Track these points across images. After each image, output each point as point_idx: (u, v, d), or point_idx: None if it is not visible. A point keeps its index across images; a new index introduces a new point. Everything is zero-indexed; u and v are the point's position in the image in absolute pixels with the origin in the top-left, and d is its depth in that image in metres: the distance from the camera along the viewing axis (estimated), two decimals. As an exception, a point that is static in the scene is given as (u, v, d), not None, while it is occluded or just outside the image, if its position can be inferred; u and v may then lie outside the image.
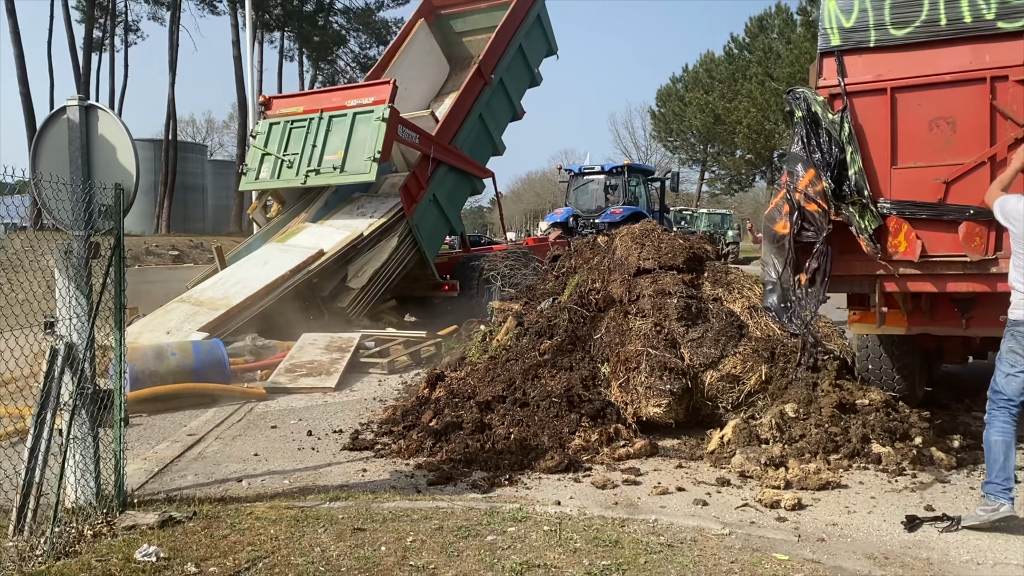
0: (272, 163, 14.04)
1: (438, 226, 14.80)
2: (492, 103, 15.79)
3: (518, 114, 16.76)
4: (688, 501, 5.33)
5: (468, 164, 15.30)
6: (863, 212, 5.61)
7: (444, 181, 14.68)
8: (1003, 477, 4.67)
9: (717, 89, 50.92)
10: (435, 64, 16.92)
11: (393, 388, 9.53)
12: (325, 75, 46.22)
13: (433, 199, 14.36)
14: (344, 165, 13.23)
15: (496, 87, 15.64)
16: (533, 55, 16.84)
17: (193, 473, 6.20)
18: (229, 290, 11.79)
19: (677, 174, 21.11)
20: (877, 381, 7.07)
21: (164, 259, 24.23)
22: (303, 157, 13.66)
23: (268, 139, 14.26)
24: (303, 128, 13.91)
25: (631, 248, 7.68)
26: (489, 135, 15.92)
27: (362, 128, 13.22)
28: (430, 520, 4.68)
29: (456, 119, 14.82)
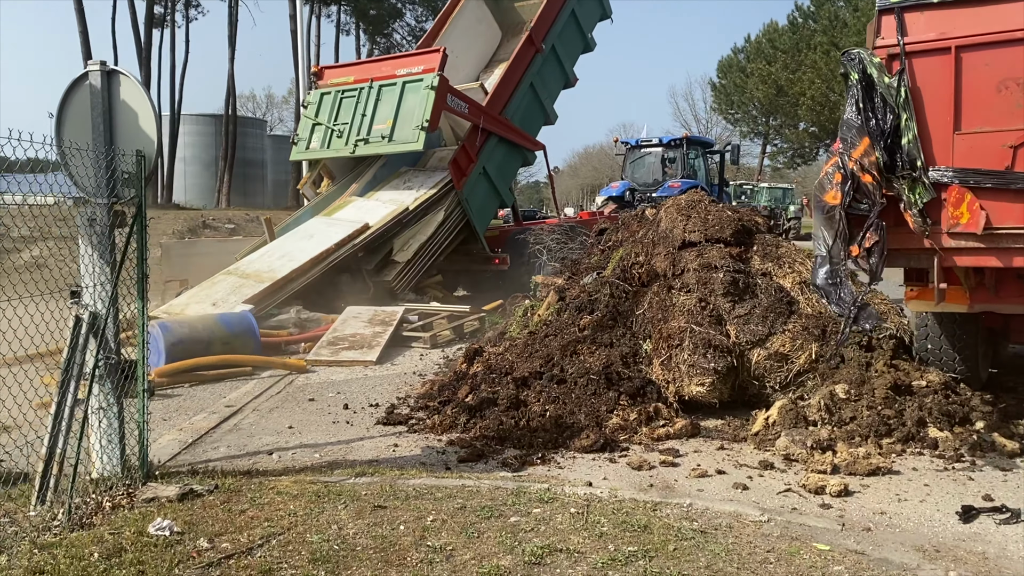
0: (322, 133, 14.06)
1: (488, 199, 14.63)
2: (544, 71, 15.43)
3: (571, 81, 16.36)
4: (728, 485, 5.09)
5: (519, 136, 15.05)
6: (913, 185, 5.21)
7: (494, 153, 14.49)
8: None
9: (780, 59, 49.40)
10: (487, 32, 16.59)
11: (434, 363, 9.43)
12: (381, 48, 46.21)
13: (483, 172, 14.19)
14: (392, 134, 13.17)
15: (548, 54, 15.29)
16: (586, 19, 16.38)
17: (226, 445, 6.17)
18: (275, 263, 11.82)
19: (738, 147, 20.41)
20: (936, 362, 6.67)
21: (220, 232, 24.60)
22: (352, 127, 13.65)
23: (319, 109, 14.27)
24: (353, 98, 13.89)
25: (676, 220, 7.38)
26: (541, 104, 15.60)
27: (411, 97, 13.14)
28: (454, 499, 4.53)
29: (507, 89, 14.56)
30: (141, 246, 4.71)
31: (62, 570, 3.41)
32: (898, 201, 5.27)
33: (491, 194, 14.65)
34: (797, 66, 47.85)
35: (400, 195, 13.44)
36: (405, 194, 13.41)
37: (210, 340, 8.90)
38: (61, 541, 3.71)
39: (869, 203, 5.19)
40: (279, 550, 3.76)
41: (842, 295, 5.36)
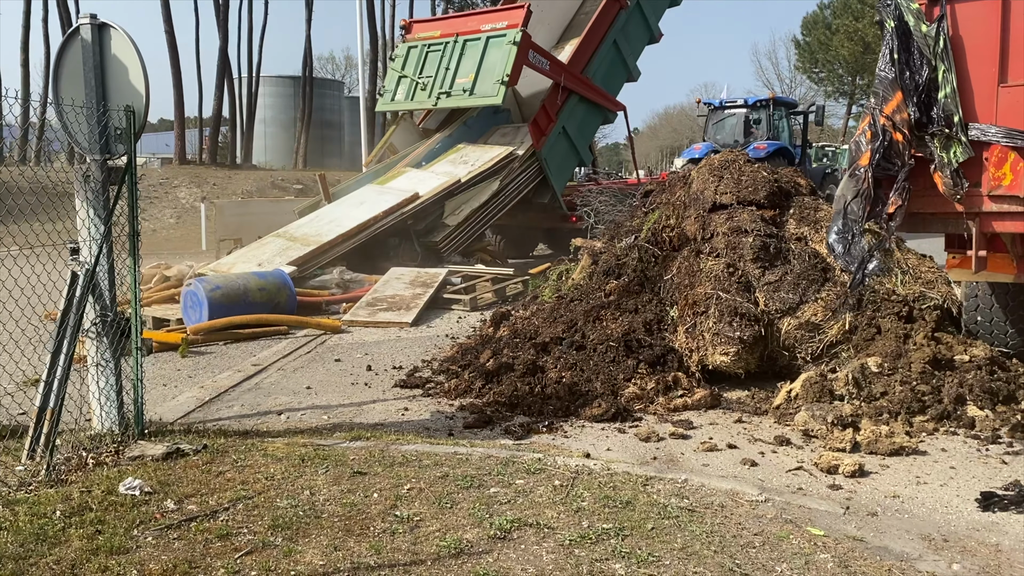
0: (407, 85, 14.40)
1: (567, 159, 14.75)
2: (628, 27, 15.26)
3: (655, 37, 16.14)
4: (736, 461, 4.83)
5: (600, 95, 15.00)
6: (948, 143, 4.75)
7: (574, 112, 14.54)
8: None
9: (868, 15, 47.05)
10: None
11: (470, 325, 9.32)
12: (455, 7, 45.84)
13: (563, 131, 14.30)
14: (474, 88, 13.41)
15: (632, 10, 15.12)
16: None
17: (240, 404, 6.19)
18: (323, 228, 11.89)
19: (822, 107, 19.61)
20: (987, 335, 6.21)
21: (288, 191, 24.99)
22: (436, 80, 13.95)
23: (405, 62, 14.58)
24: (439, 52, 14.18)
25: (708, 181, 7.02)
26: (624, 61, 15.49)
27: (494, 52, 13.35)
28: (440, 467, 4.41)
29: (589, 47, 14.50)
30: (132, 202, 4.68)
31: (19, 527, 3.43)
32: (929, 162, 4.84)
33: (570, 153, 14.75)
34: (882, 21, 45.52)
35: (455, 168, 13.46)
36: (460, 168, 13.44)
37: (246, 288, 9.00)
38: (27, 498, 3.73)
39: (899, 163, 4.79)
40: (244, 514, 3.71)
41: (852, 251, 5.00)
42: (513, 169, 13.29)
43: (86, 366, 4.89)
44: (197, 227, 19.83)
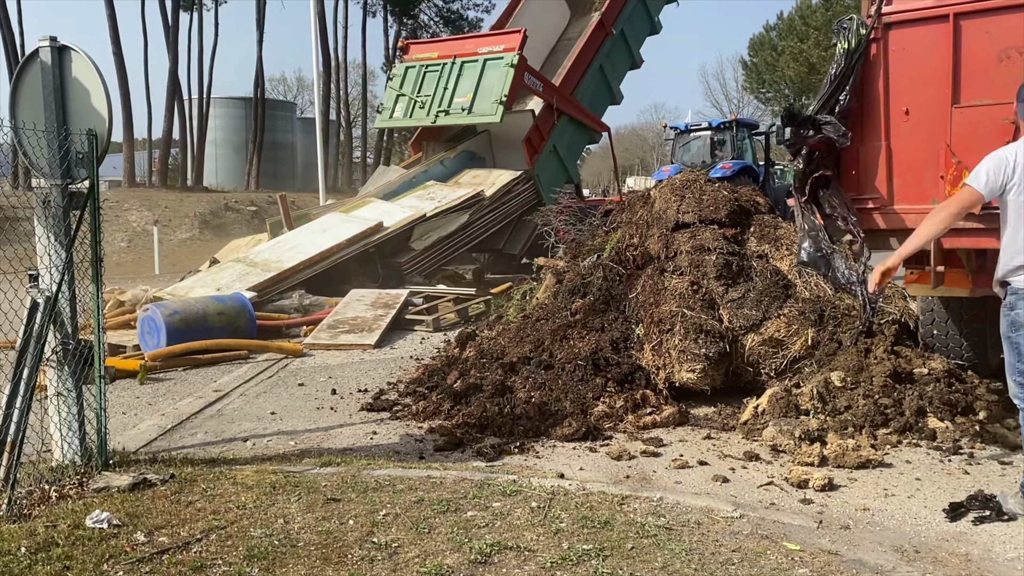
0: (406, 103, 15.01)
1: (557, 175, 15.43)
2: (613, 54, 16.28)
3: (637, 63, 17.19)
4: (707, 477, 4.86)
5: (587, 116, 15.94)
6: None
7: (564, 132, 15.42)
8: None
9: (812, 37, 48.27)
10: (556, 10, 17.34)
11: (434, 347, 9.27)
12: (408, 30, 45.99)
13: (553, 150, 15.12)
14: (472, 107, 14.06)
15: (617, 38, 16.13)
16: (654, 3, 17.21)
17: (204, 431, 6.07)
18: (284, 254, 11.78)
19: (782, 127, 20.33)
20: (943, 348, 6.35)
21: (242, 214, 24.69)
22: (435, 98, 14.55)
23: (403, 81, 15.15)
24: (436, 72, 14.79)
25: (670, 200, 7.11)
26: (608, 85, 16.48)
27: (491, 74, 14.05)
28: (414, 491, 4.36)
29: (577, 71, 15.40)
30: (95, 228, 4.58)
31: (-17, 565, 3.31)
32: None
33: (560, 171, 15.55)
34: (829, 43, 46.71)
35: (422, 203, 13.78)
36: (427, 203, 13.75)
37: (205, 312, 8.86)
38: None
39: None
40: (217, 545, 3.62)
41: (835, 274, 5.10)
42: (483, 206, 13.66)
43: (47, 395, 4.75)
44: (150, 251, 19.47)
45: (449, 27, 45.66)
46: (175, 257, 20.06)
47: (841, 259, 5.08)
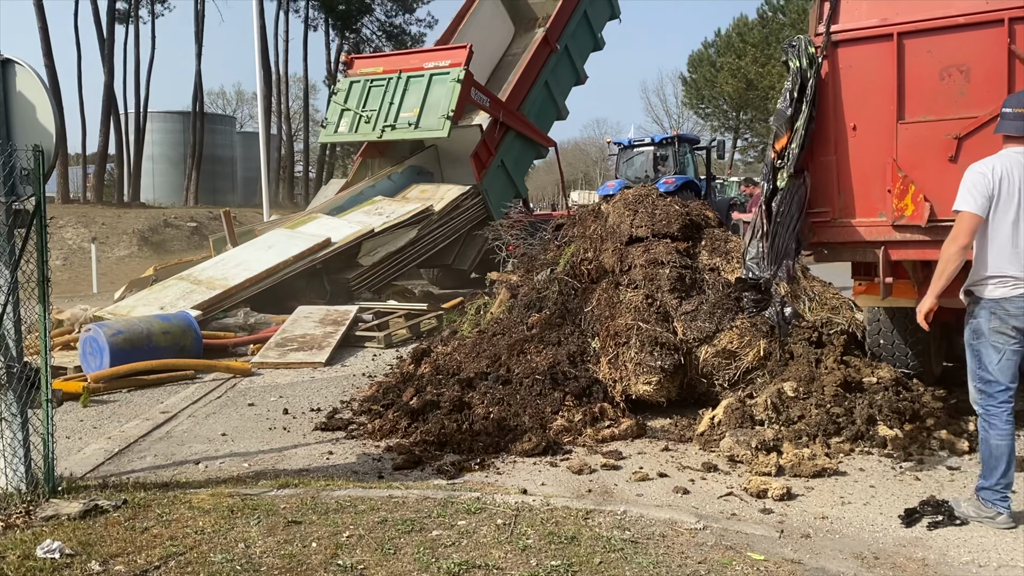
0: (351, 118, 14.91)
1: (505, 190, 15.53)
2: (557, 70, 16.46)
3: (581, 79, 17.40)
4: (668, 489, 4.90)
5: (534, 132, 16.07)
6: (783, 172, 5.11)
7: (512, 147, 15.50)
8: (1003, 485, 4.16)
9: (750, 53, 49.48)
10: (501, 27, 17.47)
11: (386, 363, 9.17)
12: (350, 44, 45.72)
13: (501, 164, 15.19)
14: (419, 122, 14.06)
15: (562, 54, 16.32)
16: (597, 20, 17.44)
17: (153, 454, 5.90)
18: (229, 271, 11.54)
19: (723, 142, 21.20)
20: (889, 357, 6.53)
21: (182, 231, 24.15)
22: (380, 113, 14.52)
23: (348, 96, 15.04)
24: (382, 87, 14.77)
25: (623, 215, 7.19)
26: (554, 101, 16.67)
27: (438, 88, 14.06)
28: (376, 512, 4.30)
29: (524, 86, 15.53)
30: (42, 247, 4.43)
31: (-72, 602, 3.16)
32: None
33: (508, 185, 15.65)
34: (766, 60, 47.95)
35: (369, 219, 13.66)
36: (375, 218, 13.63)
37: (150, 332, 8.62)
38: (-66, 568, 3.44)
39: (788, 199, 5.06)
40: (176, 572, 3.51)
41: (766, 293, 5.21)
42: (432, 221, 13.61)
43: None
44: (87, 269, 18.90)
45: (392, 42, 45.53)
46: (113, 275, 19.51)
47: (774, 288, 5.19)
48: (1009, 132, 4.08)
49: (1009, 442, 4.15)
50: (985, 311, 4.16)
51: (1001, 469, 4.14)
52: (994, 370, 4.14)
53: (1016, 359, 4.13)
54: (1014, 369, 4.13)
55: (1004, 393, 4.14)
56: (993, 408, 4.17)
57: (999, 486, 4.16)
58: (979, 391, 4.25)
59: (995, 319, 4.11)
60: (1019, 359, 4.15)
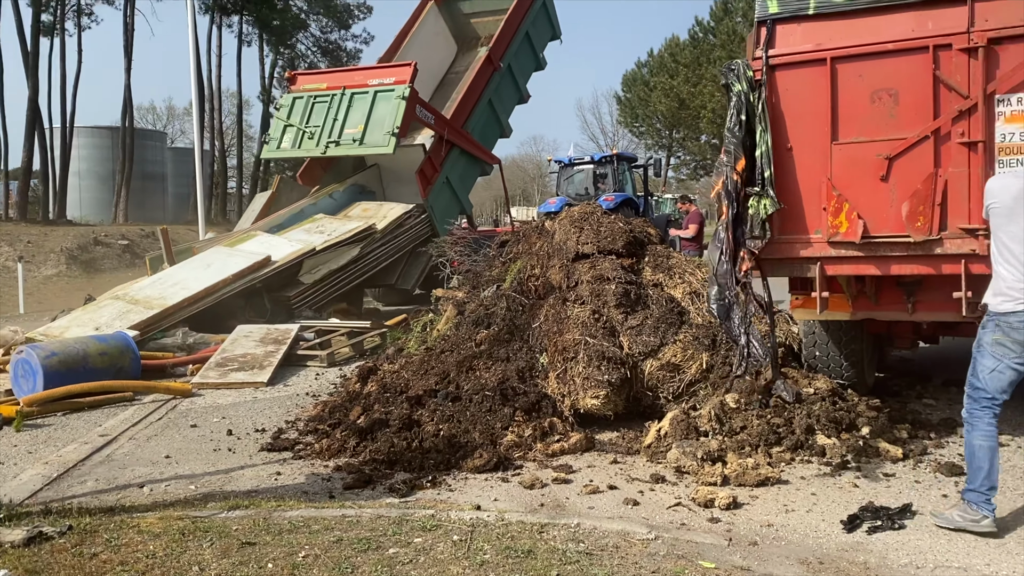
0: (294, 134, 14.86)
1: (450, 206, 15.60)
2: (501, 88, 16.71)
3: (524, 98, 17.69)
4: (618, 501, 4.99)
5: (478, 149, 16.24)
6: (759, 197, 5.29)
7: (456, 163, 15.63)
8: (987, 487, 4.25)
9: (682, 74, 50.61)
10: (443, 45, 17.73)
11: (330, 382, 9.10)
12: (285, 59, 45.29)
13: (446, 181, 15.30)
14: (364, 138, 14.10)
15: (504, 73, 16.55)
16: (539, 40, 17.73)
17: (94, 479, 5.75)
18: (167, 290, 11.29)
19: (660, 160, 21.93)
20: (824, 368, 6.77)
21: (113, 249, 23.53)
22: (324, 129, 14.50)
23: (291, 112, 15.00)
24: (325, 103, 14.74)
25: (570, 232, 7.31)
26: (497, 119, 16.92)
27: (382, 105, 14.14)
28: (331, 531, 4.28)
29: (468, 104, 15.69)
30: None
31: None
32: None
33: (453, 202, 15.74)
34: (698, 80, 49.11)
35: (310, 237, 13.54)
36: (316, 236, 13.50)
37: (86, 353, 8.40)
38: None
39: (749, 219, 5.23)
40: (130, 598, 3.45)
41: (730, 324, 5.35)
42: (375, 239, 13.58)
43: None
44: (11, 288, 18.27)
45: (327, 58, 45.27)
46: (41, 295, 18.90)
47: (738, 311, 5.35)
48: None
49: (992, 443, 4.27)
50: (991, 323, 4.29)
51: (985, 470, 4.25)
52: (985, 378, 4.26)
53: (1012, 375, 4.23)
54: (1006, 384, 4.24)
55: (989, 401, 4.27)
56: (976, 411, 4.31)
57: (983, 487, 4.24)
58: (968, 396, 4.38)
59: (998, 331, 4.23)
60: (1016, 376, 4.24)
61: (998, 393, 4.26)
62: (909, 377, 7.99)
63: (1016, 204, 4.21)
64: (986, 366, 4.27)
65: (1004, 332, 4.20)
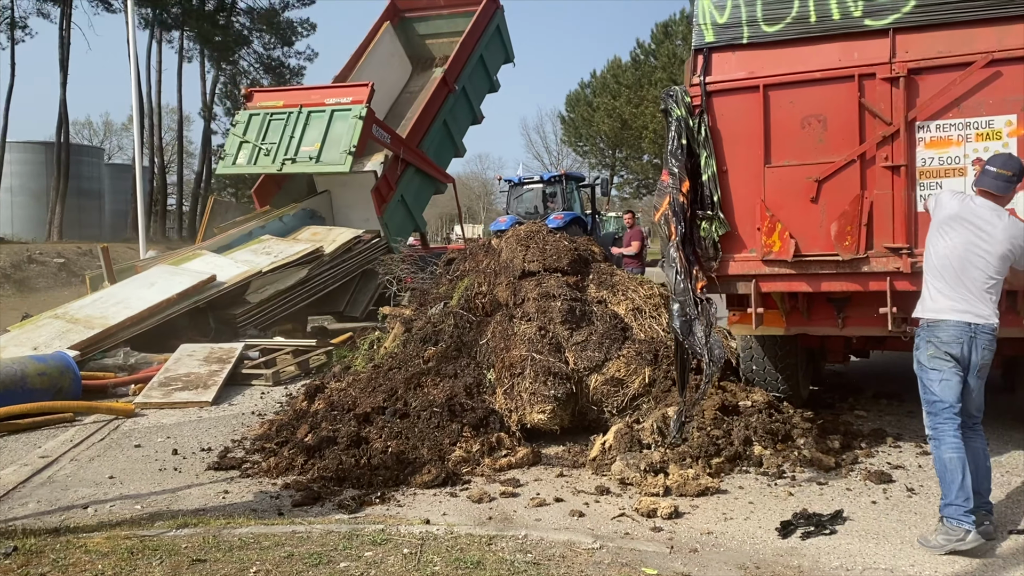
0: (250, 151, 14.87)
1: (404, 224, 15.93)
2: (455, 109, 17.02)
3: (478, 119, 18.07)
4: (565, 512, 5.12)
5: (433, 168, 16.51)
6: (710, 220, 5.56)
7: (411, 182, 15.87)
8: (963, 498, 4.24)
9: (624, 94, 51.44)
10: (399, 65, 18.02)
11: (276, 401, 9.07)
12: (227, 76, 44.80)
13: (401, 199, 15.53)
14: (320, 156, 14.19)
15: (459, 94, 16.89)
16: (492, 63, 18.14)
17: (36, 500, 5.67)
18: (108, 309, 11.11)
19: (606, 180, 22.57)
20: (761, 382, 7.02)
21: (48, 267, 22.96)
22: (280, 146, 14.56)
23: (247, 128, 15.01)
24: (282, 120, 14.81)
25: (516, 250, 7.47)
26: (452, 139, 17.23)
27: (339, 124, 14.27)
28: (282, 547, 4.32)
29: (423, 124, 15.95)
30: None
31: None
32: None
33: (407, 219, 16.04)
34: (640, 101, 49.96)
35: (257, 258, 13.43)
36: (262, 258, 13.41)
37: (24, 374, 8.24)
38: None
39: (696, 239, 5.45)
40: (80, 617, 3.46)
41: (693, 339, 5.51)
42: (322, 262, 13.56)
43: None
44: (-59, 308, 17.70)
45: (270, 74, 44.84)
46: None
47: (699, 326, 5.53)
48: (986, 187, 4.45)
49: (960, 455, 4.30)
50: (922, 340, 4.46)
51: (958, 481, 4.27)
52: (937, 389, 4.38)
53: (958, 381, 4.37)
54: (958, 390, 4.37)
55: (949, 411, 4.37)
56: (939, 424, 4.40)
57: (960, 499, 4.25)
58: (927, 413, 4.48)
59: (931, 346, 4.41)
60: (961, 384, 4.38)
61: (955, 401, 4.36)
62: (842, 390, 8.31)
63: (946, 224, 4.47)
64: (933, 378, 4.40)
65: (936, 346, 4.39)
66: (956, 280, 4.37)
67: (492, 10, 17.68)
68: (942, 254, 4.44)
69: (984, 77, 5.07)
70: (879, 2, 5.32)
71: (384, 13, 17.95)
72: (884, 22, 5.32)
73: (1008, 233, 4.33)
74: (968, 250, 4.36)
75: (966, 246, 4.36)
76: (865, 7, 5.36)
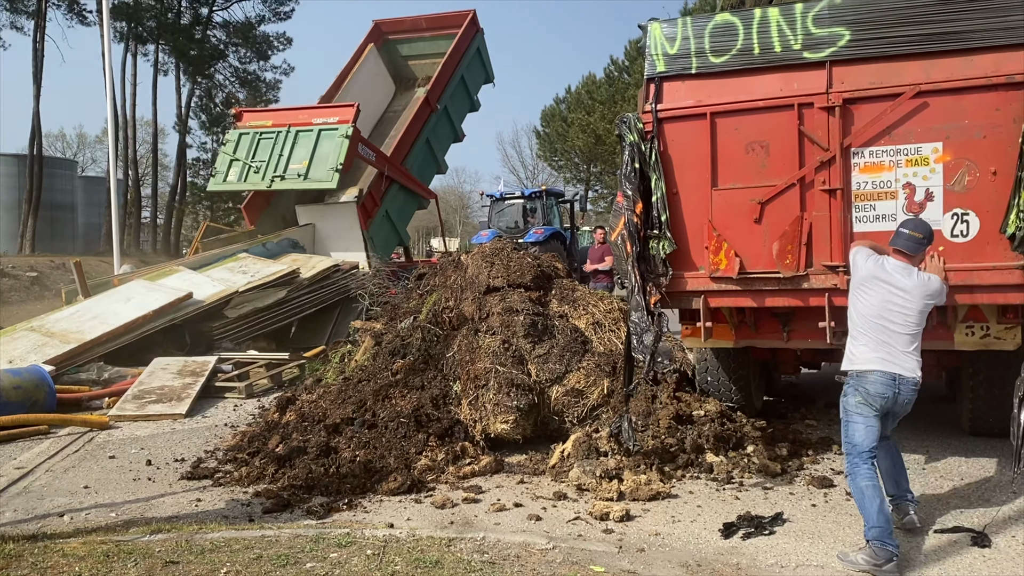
0: (240, 168, 15.55)
1: (389, 238, 16.72)
2: (437, 128, 17.80)
3: (459, 137, 18.85)
4: (523, 517, 5.39)
5: (416, 184, 17.27)
6: (659, 240, 5.91)
7: (396, 198, 16.65)
8: (884, 519, 4.45)
9: (598, 110, 51.99)
10: (382, 85, 18.75)
11: (248, 413, 9.27)
12: (203, 89, 44.84)
13: (386, 214, 16.29)
14: (308, 173, 14.92)
15: (441, 114, 17.65)
16: (473, 83, 18.93)
17: (12, 510, 5.85)
18: (84, 324, 11.23)
19: (585, 196, 23.13)
20: (716, 393, 7.34)
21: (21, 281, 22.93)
22: (269, 164, 15.26)
23: (237, 147, 15.69)
24: (271, 139, 15.52)
25: (481, 266, 7.76)
26: (434, 156, 18.01)
27: (326, 143, 15.02)
28: (251, 550, 4.56)
29: (406, 143, 16.71)
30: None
31: None
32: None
33: (392, 234, 16.83)
34: (613, 116, 50.53)
35: (233, 276, 13.58)
36: (239, 276, 13.54)
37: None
38: None
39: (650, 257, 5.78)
40: (59, 614, 3.68)
41: (643, 340, 5.84)
42: (300, 286, 13.71)
43: None
44: (-88, 322, 17.63)
45: (246, 88, 44.95)
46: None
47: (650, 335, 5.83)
48: (899, 247, 4.84)
49: (875, 483, 4.58)
50: (850, 389, 4.78)
51: (876, 504, 4.49)
52: (861, 438, 4.68)
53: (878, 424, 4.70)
54: (878, 434, 4.70)
55: (868, 455, 4.67)
56: (858, 463, 4.68)
57: (881, 521, 4.44)
58: (848, 456, 4.77)
59: (858, 394, 4.72)
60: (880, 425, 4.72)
61: (873, 445, 4.69)
62: (795, 400, 8.66)
63: (863, 284, 4.85)
64: (858, 426, 4.72)
65: (863, 394, 4.71)
66: (880, 334, 4.73)
67: (472, 33, 18.39)
68: (863, 313, 4.82)
69: (913, 107, 5.44)
70: (817, 36, 5.69)
71: (368, 35, 18.58)
72: (821, 55, 5.68)
73: (922, 291, 4.72)
74: (885, 307, 4.73)
75: (883, 304, 4.74)
76: (804, 41, 5.72)
